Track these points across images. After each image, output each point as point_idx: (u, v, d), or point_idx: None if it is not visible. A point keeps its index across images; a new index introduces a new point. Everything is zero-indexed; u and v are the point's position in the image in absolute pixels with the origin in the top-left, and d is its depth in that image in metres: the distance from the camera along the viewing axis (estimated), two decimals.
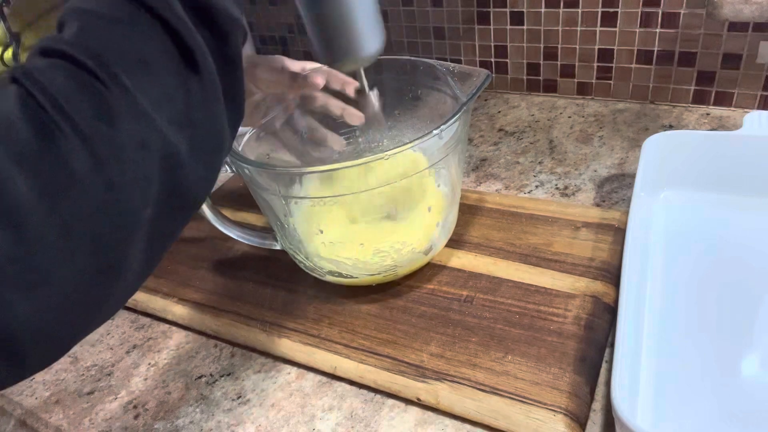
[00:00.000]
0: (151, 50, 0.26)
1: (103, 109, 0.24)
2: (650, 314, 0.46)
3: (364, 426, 0.43)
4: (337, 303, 0.52)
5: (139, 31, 0.26)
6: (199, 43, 0.27)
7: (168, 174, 0.27)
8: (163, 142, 0.26)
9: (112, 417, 0.47)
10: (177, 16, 0.27)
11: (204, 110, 0.28)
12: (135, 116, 0.25)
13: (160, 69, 0.26)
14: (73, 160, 0.23)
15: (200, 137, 0.28)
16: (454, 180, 0.50)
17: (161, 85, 0.26)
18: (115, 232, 0.25)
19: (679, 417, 0.39)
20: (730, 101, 0.72)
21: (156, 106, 0.26)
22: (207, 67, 0.28)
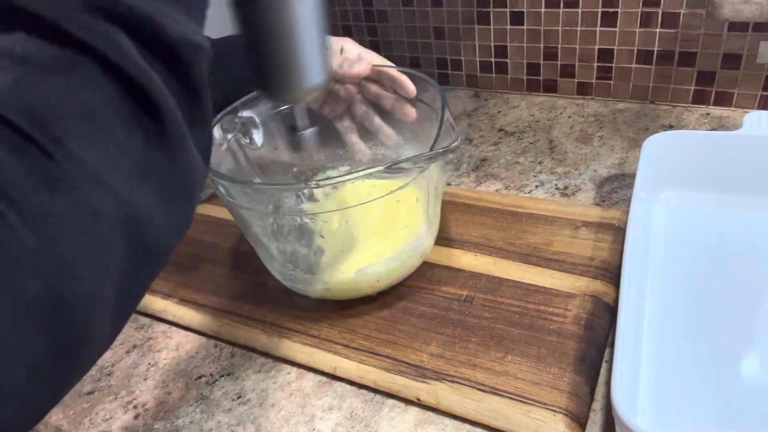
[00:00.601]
0: (100, 100, 0.23)
1: (44, 180, 0.21)
2: (650, 314, 0.46)
3: (364, 426, 0.43)
4: (337, 303, 0.52)
5: (84, 79, 0.23)
6: (156, 84, 0.24)
7: (131, 238, 0.24)
8: (119, 206, 0.23)
9: (112, 417, 0.47)
10: (127, 57, 0.23)
11: (168, 154, 0.25)
12: (83, 183, 0.22)
13: (111, 121, 0.23)
14: (11, 242, 0.20)
15: (167, 184, 0.25)
16: (431, 190, 0.49)
17: (113, 140, 0.23)
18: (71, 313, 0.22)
19: (679, 417, 0.39)
20: (730, 101, 0.72)
21: (108, 165, 0.23)
22: (168, 109, 0.24)
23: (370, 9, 0.89)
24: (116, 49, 0.23)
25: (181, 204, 0.26)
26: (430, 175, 0.46)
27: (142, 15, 0.24)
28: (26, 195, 0.21)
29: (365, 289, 0.50)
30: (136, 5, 0.23)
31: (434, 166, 0.46)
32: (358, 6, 0.90)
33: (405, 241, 0.49)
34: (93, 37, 0.23)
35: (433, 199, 0.50)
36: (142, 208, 0.24)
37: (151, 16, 0.24)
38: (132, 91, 0.23)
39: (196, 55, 0.26)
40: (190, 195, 0.27)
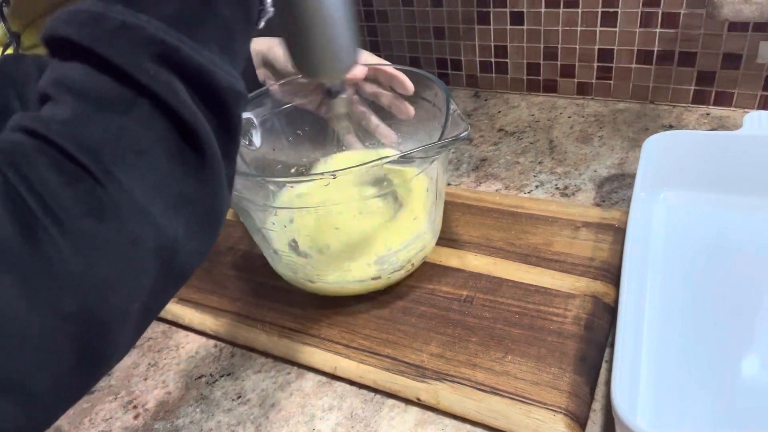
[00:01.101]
0: (152, 138, 0.25)
1: (93, 208, 0.23)
2: (650, 314, 0.46)
3: (364, 426, 0.43)
4: (337, 303, 0.52)
5: (141, 118, 0.25)
6: (205, 127, 0.26)
7: (162, 262, 0.26)
8: (157, 234, 0.25)
9: (112, 417, 0.47)
10: (182, 102, 0.25)
11: (205, 189, 0.27)
12: (128, 213, 0.24)
13: (158, 156, 0.25)
14: (58, 262, 0.22)
15: (199, 215, 0.27)
16: (434, 184, 0.49)
17: (159, 173, 0.25)
18: (101, 328, 0.24)
19: (679, 417, 0.39)
20: (730, 101, 0.72)
21: (152, 197, 0.25)
22: (211, 149, 0.27)
23: (370, 9, 0.89)
24: (174, 94, 0.25)
25: (209, 231, 0.29)
26: (436, 167, 0.47)
27: (198, 66, 0.26)
28: (76, 221, 0.23)
29: (377, 282, 0.50)
30: (194, 57, 0.26)
31: (438, 162, 0.47)
32: (358, 6, 0.90)
33: (413, 233, 0.49)
34: (155, 84, 0.25)
35: (433, 195, 0.50)
36: (176, 235, 0.26)
37: (206, 68, 0.26)
38: (182, 131, 0.26)
39: (237, 101, 0.28)
40: (218, 222, 0.29)
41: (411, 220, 0.49)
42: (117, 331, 0.25)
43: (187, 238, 0.27)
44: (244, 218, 0.50)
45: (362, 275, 0.49)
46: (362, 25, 0.91)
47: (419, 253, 0.51)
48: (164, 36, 0.25)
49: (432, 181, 0.49)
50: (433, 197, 0.50)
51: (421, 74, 0.52)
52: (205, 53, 0.26)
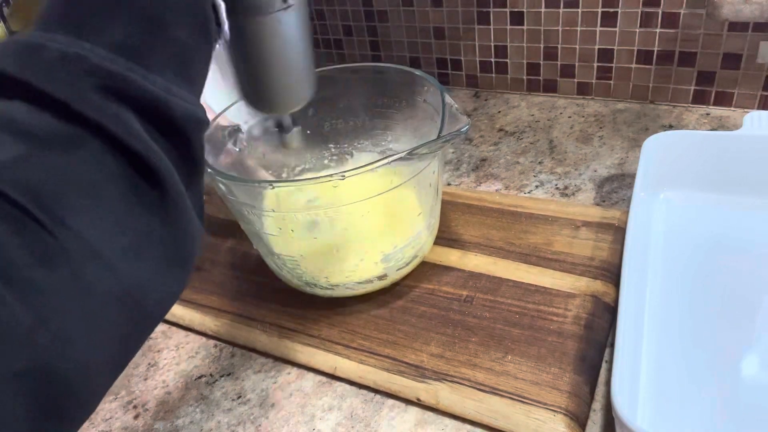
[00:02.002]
0: (104, 176, 0.23)
1: (41, 256, 0.21)
2: (650, 314, 0.46)
3: (364, 426, 0.43)
4: (337, 303, 0.52)
5: (89, 156, 0.23)
6: (162, 161, 0.24)
7: (126, 308, 0.24)
8: (117, 280, 0.23)
9: (112, 417, 0.47)
10: (135, 135, 0.23)
11: (170, 226, 0.25)
12: (80, 259, 0.22)
13: (114, 196, 0.23)
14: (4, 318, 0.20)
15: (167, 253, 0.25)
16: (432, 184, 0.49)
17: (115, 214, 0.23)
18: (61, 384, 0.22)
19: (679, 417, 0.39)
20: (730, 101, 0.72)
21: (107, 240, 0.23)
22: (172, 182, 0.25)
23: (370, 9, 0.89)
24: (124, 127, 0.23)
25: (179, 270, 0.27)
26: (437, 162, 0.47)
27: (152, 96, 0.24)
28: (23, 272, 0.20)
29: (382, 281, 0.50)
30: (146, 87, 0.24)
31: (438, 157, 0.47)
32: (358, 6, 0.90)
33: (416, 229, 0.49)
34: (103, 117, 0.23)
35: (434, 190, 0.50)
36: (140, 279, 0.24)
37: (160, 97, 0.24)
38: (137, 167, 0.24)
39: (197, 129, 0.27)
40: (189, 260, 0.27)
41: (416, 216, 0.49)
42: (81, 386, 0.23)
43: (154, 280, 0.25)
44: (242, 222, 0.49)
45: (369, 275, 0.49)
46: (362, 25, 0.91)
47: (422, 248, 0.51)
48: (109, 65, 0.23)
49: (433, 176, 0.49)
50: (434, 193, 0.50)
51: (413, 72, 0.52)
52: (158, 81, 0.25)
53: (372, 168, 0.41)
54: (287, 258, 0.49)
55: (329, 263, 0.49)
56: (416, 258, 0.51)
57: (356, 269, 0.49)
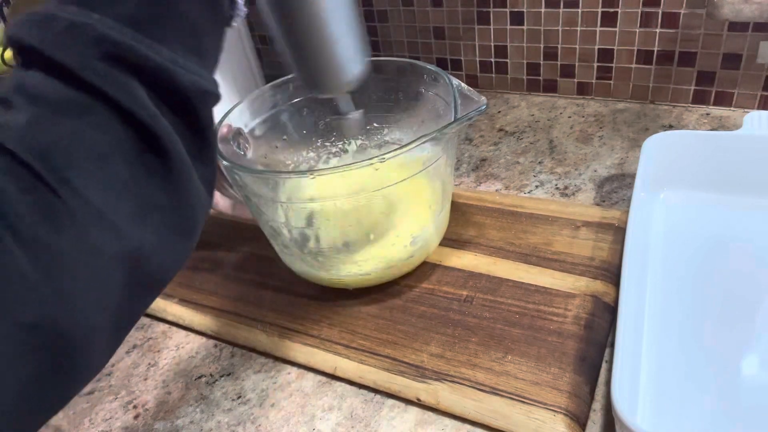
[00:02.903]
0: (110, 143, 0.24)
1: (49, 216, 0.22)
2: (650, 314, 0.46)
3: (364, 426, 0.43)
4: (337, 303, 0.52)
5: (96, 122, 0.24)
6: (166, 129, 0.25)
7: (130, 272, 0.25)
8: (121, 242, 0.24)
9: (112, 417, 0.47)
10: (139, 104, 0.24)
11: (173, 194, 0.26)
12: (86, 221, 0.23)
13: (118, 162, 0.24)
14: (13, 271, 0.21)
15: (170, 222, 0.26)
16: (445, 176, 0.50)
17: (120, 180, 0.24)
18: (67, 340, 0.23)
19: (679, 417, 0.39)
20: (730, 101, 0.72)
21: (113, 204, 0.24)
22: (176, 152, 0.26)
23: (370, 9, 0.89)
24: (130, 96, 0.24)
25: (183, 239, 0.28)
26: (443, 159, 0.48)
27: (157, 65, 0.25)
28: (31, 229, 0.21)
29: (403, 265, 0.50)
30: (151, 56, 0.25)
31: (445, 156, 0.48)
32: (358, 6, 0.90)
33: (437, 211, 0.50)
34: (108, 85, 0.24)
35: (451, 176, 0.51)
36: (144, 244, 0.25)
37: (165, 67, 0.25)
38: (142, 135, 0.25)
39: (205, 101, 0.27)
40: (193, 229, 0.28)
41: (441, 194, 0.50)
42: (84, 345, 0.24)
43: (157, 245, 0.26)
44: (266, 219, 0.49)
45: (400, 255, 0.49)
46: None
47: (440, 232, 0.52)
48: (116, 35, 0.24)
49: (451, 160, 0.50)
50: (451, 177, 0.52)
51: (415, 64, 0.52)
52: (164, 52, 0.25)
53: (409, 149, 0.41)
54: (317, 249, 0.49)
55: (362, 249, 0.49)
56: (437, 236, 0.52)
57: (384, 255, 0.49)
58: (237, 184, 0.47)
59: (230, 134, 0.50)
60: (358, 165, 0.41)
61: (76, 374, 0.24)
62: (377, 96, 0.56)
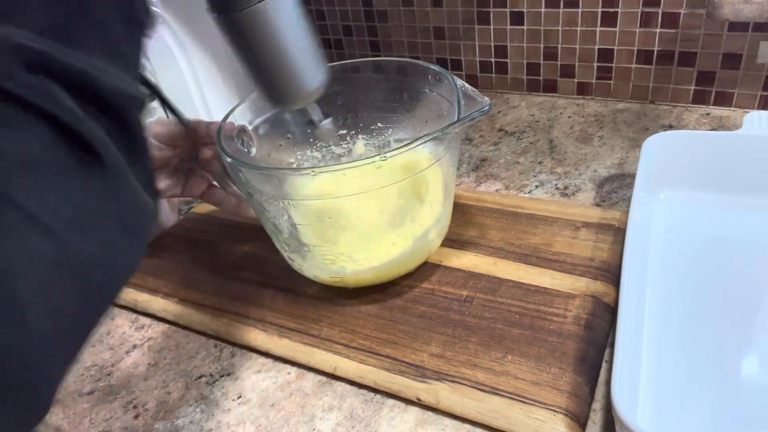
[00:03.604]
0: (38, 150, 0.23)
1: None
2: (650, 314, 0.46)
3: (364, 426, 0.43)
4: (337, 303, 0.52)
5: (21, 131, 0.23)
6: (97, 133, 0.25)
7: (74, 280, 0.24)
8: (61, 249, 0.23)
9: (112, 417, 0.47)
10: (63, 107, 0.23)
11: (112, 197, 0.26)
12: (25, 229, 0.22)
13: (52, 170, 0.23)
14: None
15: (114, 228, 0.26)
16: (447, 176, 0.50)
17: (54, 186, 0.23)
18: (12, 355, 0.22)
19: (679, 417, 0.39)
20: (730, 101, 0.72)
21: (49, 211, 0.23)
22: (110, 156, 0.25)
23: (370, 9, 0.89)
24: (55, 103, 0.23)
25: (129, 242, 0.27)
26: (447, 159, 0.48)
27: (78, 71, 0.24)
28: None
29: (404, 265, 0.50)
30: (72, 62, 0.24)
31: (448, 156, 0.48)
32: (358, 6, 0.90)
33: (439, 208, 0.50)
34: (32, 94, 0.23)
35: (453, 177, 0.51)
36: (88, 250, 0.24)
37: (87, 72, 0.25)
38: (72, 141, 0.24)
39: (130, 105, 0.27)
40: (137, 233, 0.28)
41: (443, 193, 0.51)
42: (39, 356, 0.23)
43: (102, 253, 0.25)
44: (268, 217, 0.50)
45: (401, 255, 0.49)
46: (362, 25, 0.91)
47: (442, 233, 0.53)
48: (33, 43, 0.23)
49: (453, 161, 0.50)
50: (453, 178, 0.52)
51: (419, 64, 0.52)
52: (83, 58, 0.25)
53: (411, 147, 0.42)
54: (319, 246, 0.49)
55: (361, 247, 0.49)
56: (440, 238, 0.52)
57: (389, 252, 0.49)
58: (240, 181, 0.47)
59: (234, 132, 0.50)
60: (361, 163, 0.42)
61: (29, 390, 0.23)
62: (382, 96, 0.56)
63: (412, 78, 0.54)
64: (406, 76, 0.54)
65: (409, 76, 0.54)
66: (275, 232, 0.50)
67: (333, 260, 0.49)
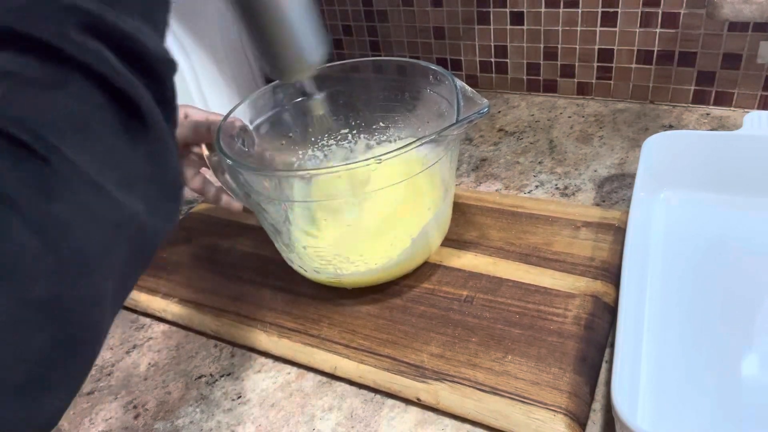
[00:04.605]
0: (91, 112, 0.24)
1: (43, 186, 0.22)
2: (650, 314, 0.46)
3: (364, 426, 0.43)
4: (337, 303, 0.52)
5: (76, 92, 0.23)
6: (144, 95, 0.25)
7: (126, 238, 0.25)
8: (117, 210, 0.24)
9: (112, 417, 0.47)
10: (116, 70, 0.24)
11: (157, 163, 0.26)
12: (80, 187, 0.23)
13: (101, 130, 0.24)
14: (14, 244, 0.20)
15: (156, 191, 0.26)
16: (446, 177, 0.50)
17: (104, 147, 0.24)
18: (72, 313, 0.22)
19: (679, 417, 0.39)
20: (730, 101, 0.72)
21: (102, 171, 0.23)
22: (154, 117, 0.26)
23: (370, 9, 0.89)
24: (106, 63, 0.24)
25: (170, 203, 0.28)
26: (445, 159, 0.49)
27: (126, 33, 0.25)
28: (29, 203, 0.21)
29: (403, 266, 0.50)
30: (118, 24, 0.25)
31: (447, 157, 0.48)
32: (358, 6, 0.90)
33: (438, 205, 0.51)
34: (83, 54, 0.23)
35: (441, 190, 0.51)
36: (138, 210, 0.25)
37: (133, 34, 0.25)
38: (121, 102, 0.25)
39: (170, 69, 0.27)
40: (178, 193, 0.29)
41: (442, 195, 0.51)
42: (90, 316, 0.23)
43: (146, 213, 0.26)
44: (266, 218, 0.49)
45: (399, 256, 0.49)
46: (362, 25, 0.91)
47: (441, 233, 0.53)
48: (85, 4, 0.24)
49: (452, 162, 0.51)
50: (453, 179, 0.52)
51: (420, 64, 0.52)
52: (129, 21, 0.25)
53: (406, 150, 0.42)
54: (317, 248, 0.49)
55: (360, 248, 0.49)
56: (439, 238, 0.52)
57: (387, 253, 0.49)
58: (238, 181, 0.47)
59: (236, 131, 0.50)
60: (356, 165, 0.42)
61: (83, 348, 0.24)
62: (383, 95, 0.56)
63: (412, 78, 0.54)
64: (407, 76, 0.54)
65: (410, 75, 0.54)
66: (273, 232, 0.50)
67: (330, 261, 0.49)
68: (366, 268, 0.49)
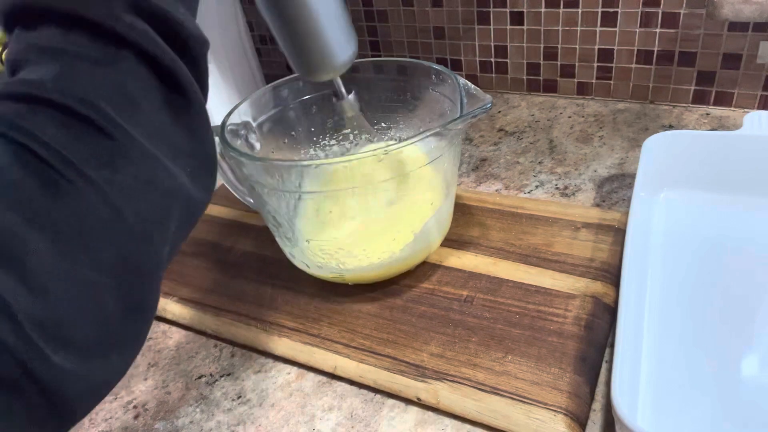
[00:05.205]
0: (140, 88, 0.25)
1: (105, 154, 0.23)
2: (650, 314, 0.46)
3: (364, 426, 0.43)
4: (337, 303, 0.52)
5: (126, 70, 0.25)
6: (186, 73, 0.27)
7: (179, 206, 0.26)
8: (170, 177, 0.26)
9: (112, 417, 0.47)
10: (162, 49, 0.26)
11: (197, 137, 0.28)
12: (138, 157, 0.24)
13: (151, 106, 0.26)
14: (87, 211, 0.22)
15: (197, 164, 0.28)
16: (449, 174, 0.50)
17: (154, 122, 0.26)
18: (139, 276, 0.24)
19: (679, 417, 0.39)
20: (730, 101, 0.72)
21: (154, 143, 0.25)
22: (194, 94, 0.27)
23: (370, 9, 0.89)
24: (153, 42, 0.26)
25: (208, 175, 0.30)
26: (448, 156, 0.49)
27: (168, 14, 0.26)
28: (94, 169, 0.23)
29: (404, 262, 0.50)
30: (161, 5, 0.26)
31: (449, 153, 0.48)
32: (358, 6, 0.90)
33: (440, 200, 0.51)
34: (133, 33, 0.25)
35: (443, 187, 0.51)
36: (182, 180, 0.27)
37: (174, 15, 0.27)
38: (166, 79, 0.26)
39: (204, 48, 0.29)
40: (214, 167, 0.30)
41: (444, 191, 0.51)
42: (154, 279, 0.25)
43: (191, 183, 0.27)
44: (270, 211, 0.50)
45: (401, 251, 0.49)
46: (362, 25, 0.91)
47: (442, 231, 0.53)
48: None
49: (455, 159, 0.51)
50: (454, 177, 0.52)
51: (422, 64, 0.53)
52: (171, 2, 0.27)
53: (413, 141, 0.42)
54: (319, 241, 0.49)
55: (363, 242, 0.49)
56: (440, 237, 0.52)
57: (389, 248, 0.49)
58: (242, 173, 0.47)
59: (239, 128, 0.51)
60: (363, 156, 0.42)
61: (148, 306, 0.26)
62: (385, 96, 0.56)
63: (414, 78, 0.54)
64: (408, 76, 0.54)
65: (411, 75, 0.54)
66: (275, 225, 0.50)
67: (333, 255, 0.49)
68: (368, 263, 0.49)
